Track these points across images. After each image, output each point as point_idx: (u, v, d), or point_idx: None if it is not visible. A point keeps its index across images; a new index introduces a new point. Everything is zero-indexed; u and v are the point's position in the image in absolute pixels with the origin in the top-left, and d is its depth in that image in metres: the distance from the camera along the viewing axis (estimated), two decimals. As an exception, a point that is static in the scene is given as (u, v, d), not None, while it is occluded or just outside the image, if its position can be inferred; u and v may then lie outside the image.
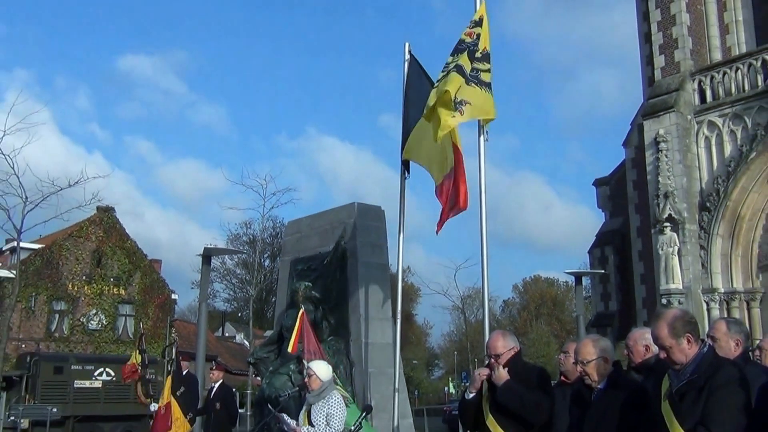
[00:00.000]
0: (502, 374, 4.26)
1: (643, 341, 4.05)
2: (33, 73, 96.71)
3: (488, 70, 7.31)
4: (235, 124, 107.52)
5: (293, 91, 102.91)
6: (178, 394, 9.20)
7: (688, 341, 3.29)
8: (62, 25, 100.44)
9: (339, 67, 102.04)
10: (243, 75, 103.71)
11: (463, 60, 7.18)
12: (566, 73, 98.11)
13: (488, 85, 7.25)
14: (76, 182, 16.56)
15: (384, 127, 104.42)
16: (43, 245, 31.51)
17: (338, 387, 6.19)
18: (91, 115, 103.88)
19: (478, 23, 7.54)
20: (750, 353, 7.25)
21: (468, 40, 7.42)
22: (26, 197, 15.61)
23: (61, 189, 16.35)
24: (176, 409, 9.01)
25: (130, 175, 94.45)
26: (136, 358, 11.38)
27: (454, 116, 6.91)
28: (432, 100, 7.03)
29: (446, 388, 48.75)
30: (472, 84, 7.11)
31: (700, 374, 3.22)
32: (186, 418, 9.10)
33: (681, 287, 17.16)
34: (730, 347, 3.73)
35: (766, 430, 2.97)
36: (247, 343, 38.27)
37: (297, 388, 7.39)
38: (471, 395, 4.46)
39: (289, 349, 7.95)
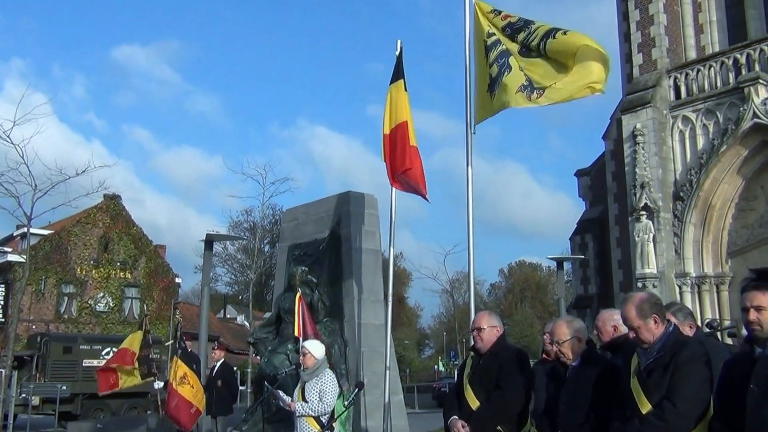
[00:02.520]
0: (467, 430, 4.26)
1: (611, 322, 4.11)
2: (29, 62, 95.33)
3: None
4: (229, 114, 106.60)
5: (283, 82, 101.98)
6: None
7: (655, 321, 3.37)
8: (57, 16, 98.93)
9: (327, 59, 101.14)
10: (234, 66, 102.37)
11: (509, 44, 6.87)
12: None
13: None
14: (84, 171, 16.44)
15: (372, 117, 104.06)
16: (53, 231, 31.42)
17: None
18: (88, 103, 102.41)
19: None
20: (717, 331, 7.38)
21: (493, 29, 7.09)
22: (35, 185, 15.48)
23: (69, 177, 16.21)
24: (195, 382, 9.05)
25: (128, 162, 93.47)
26: (134, 340, 11.15)
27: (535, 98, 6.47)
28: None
29: (436, 367, 49.08)
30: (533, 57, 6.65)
31: (666, 352, 3.31)
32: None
33: (655, 272, 17.32)
34: (686, 332, 3.82)
35: (731, 399, 3.06)
36: (247, 324, 38.36)
37: (294, 367, 7.48)
38: None
39: (296, 333, 8.02)
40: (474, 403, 4.30)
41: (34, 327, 28.35)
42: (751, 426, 2.92)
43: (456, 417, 4.35)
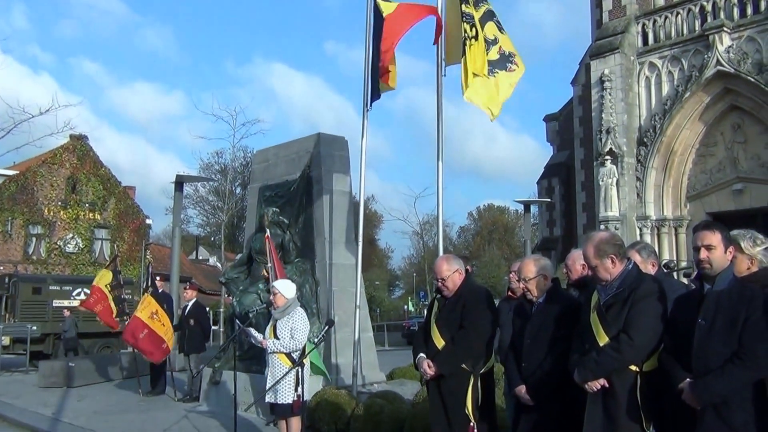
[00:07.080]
0: (434, 369, 4.34)
1: (580, 261, 4.21)
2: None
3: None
4: (183, 49, 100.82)
5: (235, 17, 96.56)
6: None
7: (612, 261, 3.47)
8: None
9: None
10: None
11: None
12: (507, 4, 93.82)
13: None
14: (47, 110, 15.90)
15: (331, 54, 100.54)
16: (18, 172, 30.56)
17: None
18: (31, 34, 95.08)
19: None
20: (674, 272, 7.64)
21: None
22: (-3, 124, 14.97)
23: (33, 116, 15.69)
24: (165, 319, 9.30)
25: (80, 97, 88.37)
26: (104, 278, 11.27)
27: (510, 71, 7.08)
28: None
29: (405, 306, 50.00)
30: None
31: (625, 288, 3.43)
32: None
33: (618, 215, 17.75)
34: (648, 270, 3.94)
35: (679, 333, 3.21)
36: (219, 265, 38.34)
37: (265, 305, 7.57)
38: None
39: (263, 273, 8.09)
40: (440, 342, 4.40)
41: (1, 268, 27.87)
42: (697, 358, 3.08)
43: (423, 355, 4.46)
